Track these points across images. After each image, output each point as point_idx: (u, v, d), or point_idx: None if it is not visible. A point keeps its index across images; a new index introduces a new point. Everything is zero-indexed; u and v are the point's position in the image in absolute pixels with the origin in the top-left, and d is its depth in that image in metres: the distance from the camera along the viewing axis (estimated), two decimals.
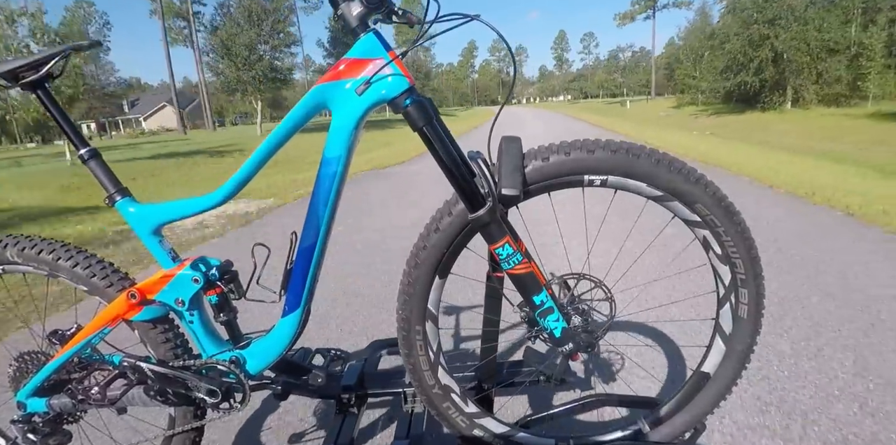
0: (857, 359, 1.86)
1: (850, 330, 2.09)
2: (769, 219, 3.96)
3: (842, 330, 2.10)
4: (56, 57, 1.08)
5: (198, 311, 1.14)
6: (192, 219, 4.62)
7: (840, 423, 1.52)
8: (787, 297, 2.45)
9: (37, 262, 1.16)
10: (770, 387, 1.72)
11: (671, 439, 1.17)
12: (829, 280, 2.66)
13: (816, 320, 2.20)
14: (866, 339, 2.01)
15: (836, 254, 3.06)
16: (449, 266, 1.08)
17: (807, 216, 4.06)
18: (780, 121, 19.69)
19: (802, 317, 2.23)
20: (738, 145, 11.75)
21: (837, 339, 2.03)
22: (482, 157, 0.99)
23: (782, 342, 2.02)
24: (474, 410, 1.20)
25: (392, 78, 0.95)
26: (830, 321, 2.19)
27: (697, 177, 0.98)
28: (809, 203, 4.49)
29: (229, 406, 1.17)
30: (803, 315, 2.26)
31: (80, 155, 1.12)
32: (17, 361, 1.24)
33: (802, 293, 2.50)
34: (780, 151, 10.42)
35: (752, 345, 1.09)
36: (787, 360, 1.89)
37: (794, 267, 2.87)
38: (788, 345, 1.99)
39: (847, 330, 2.09)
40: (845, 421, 1.53)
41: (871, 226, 3.66)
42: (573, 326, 1.07)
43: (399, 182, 7.27)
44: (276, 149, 1.04)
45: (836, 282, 2.62)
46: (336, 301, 2.74)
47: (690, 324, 2.18)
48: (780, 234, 3.53)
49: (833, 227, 3.70)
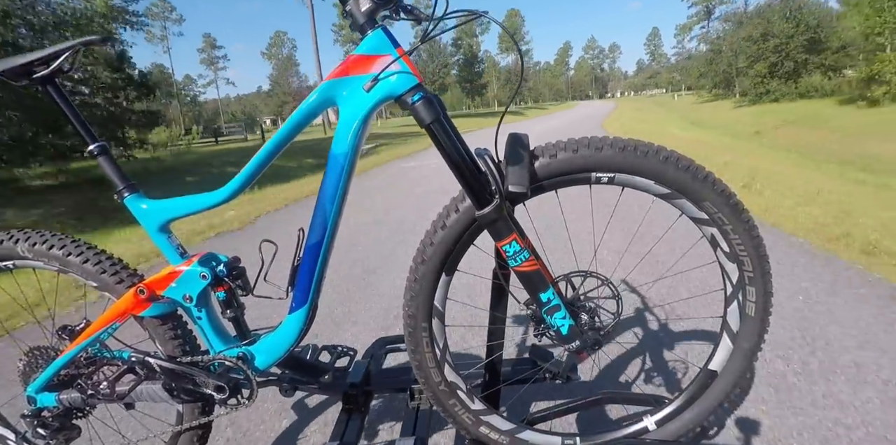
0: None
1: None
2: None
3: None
4: (67, 52, 1.08)
5: (205, 307, 1.15)
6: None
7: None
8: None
9: (47, 258, 1.17)
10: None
11: (677, 437, 1.17)
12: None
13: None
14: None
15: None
16: (455, 263, 1.07)
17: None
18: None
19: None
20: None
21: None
22: (489, 154, 0.99)
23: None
24: (480, 407, 1.20)
25: (400, 74, 0.95)
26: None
27: (705, 175, 0.98)
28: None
29: (237, 402, 1.17)
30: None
31: (89, 150, 1.13)
32: (27, 356, 1.25)
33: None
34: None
35: (759, 343, 1.09)
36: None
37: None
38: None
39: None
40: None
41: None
42: (580, 324, 1.06)
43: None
44: (284, 145, 1.04)
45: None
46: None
47: (698, 322, 2.17)
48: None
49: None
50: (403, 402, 1.41)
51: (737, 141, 13.89)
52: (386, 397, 1.77)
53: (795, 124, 19.46)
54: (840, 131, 16.15)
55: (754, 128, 19.38)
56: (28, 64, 1.08)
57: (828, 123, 18.32)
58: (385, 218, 4.83)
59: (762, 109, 25.10)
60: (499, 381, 1.28)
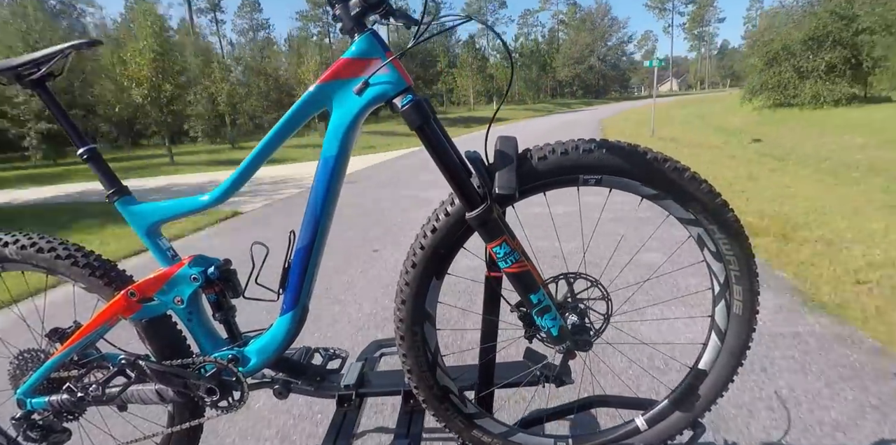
0: None
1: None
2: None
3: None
4: (57, 56, 1.08)
5: (196, 310, 1.15)
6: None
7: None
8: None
9: (35, 260, 1.17)
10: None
11: (668, 437, 1.18)
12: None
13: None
14: None
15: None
16: (445, 266, 1.08)
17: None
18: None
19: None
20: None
21: None
22: (479, 157, 1.00)
23: None
24: (473, 411, 1.20)
25: (390, 78, 0.96)
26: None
27: (691, 176, 0.99)
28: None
29: (228, 405, 1.17)
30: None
31: (79, 153, 1.13)
32: (17, 359, 1.25)
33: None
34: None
35: (747, 341, 1.10)
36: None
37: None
38: None
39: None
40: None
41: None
42: (570, 325, 1.07)
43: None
44: (274, 148, 1.04)
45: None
46: None
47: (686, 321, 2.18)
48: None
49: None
50: (397, 405, 1.41)
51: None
52: (380, 399, 1.77)
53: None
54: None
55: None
56: (18, 66, 1.08)
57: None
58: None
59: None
60: (491, 384, 1.28)
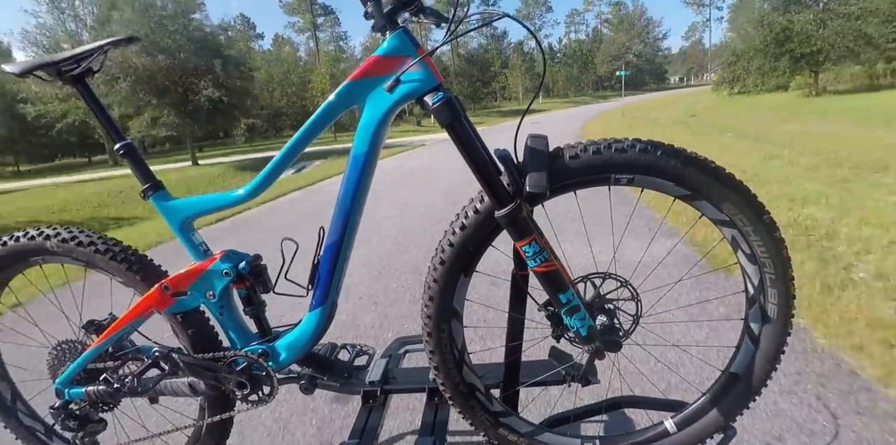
0: None
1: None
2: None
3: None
4: (96, 52, 1.11)
5: (227, 304, 1.16)
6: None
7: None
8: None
9: (76, 253, 1.20)
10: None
11: (698, 440, 1.15)
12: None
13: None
14: None
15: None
16: (474, 263, 1.07)
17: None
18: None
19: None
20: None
21: None
22: (509, 155, 0.99)
23: None
24: (499, 409, 1.19)
25: (421, 75, 0.96)
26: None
27: (726, 176, 0.97)
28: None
29: (258, 399, 1.19)
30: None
31: (116, 148, 1.16)
32: (56, 350, 1.29)
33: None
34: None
35: (781, 346, 1.07)
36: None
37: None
38: None
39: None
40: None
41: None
42: (599, 325, 1.06)
43: None
44: (306, 144, 1.05)
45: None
46: None
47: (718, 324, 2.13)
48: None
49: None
50: (422, 401, 1.41)
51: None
52: (405, 396, 1.77)
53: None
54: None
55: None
56: (58, 62, 1.11)
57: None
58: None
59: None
60: (517, 383, 1.27)
